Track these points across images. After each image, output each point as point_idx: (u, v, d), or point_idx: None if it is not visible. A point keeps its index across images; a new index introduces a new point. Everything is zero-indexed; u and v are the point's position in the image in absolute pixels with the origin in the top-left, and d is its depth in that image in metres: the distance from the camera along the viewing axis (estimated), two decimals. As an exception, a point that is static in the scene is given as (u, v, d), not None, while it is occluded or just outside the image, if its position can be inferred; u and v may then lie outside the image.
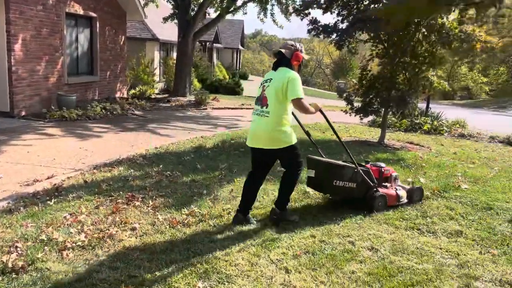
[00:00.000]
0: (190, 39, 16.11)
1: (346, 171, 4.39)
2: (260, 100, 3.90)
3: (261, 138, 3.88)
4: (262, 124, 3.84)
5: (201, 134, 8.95)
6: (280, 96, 3.74)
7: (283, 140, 3.84)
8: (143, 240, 3.52)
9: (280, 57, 3.93)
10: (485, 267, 3.33)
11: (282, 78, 3.75)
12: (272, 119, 3.79)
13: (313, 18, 8.52)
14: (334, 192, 4.57)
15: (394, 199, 4.56)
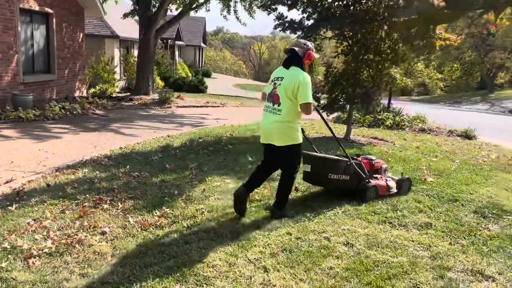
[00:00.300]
0: (152, 36, 15.75)
1: (340, 165, 4.58)
2: (272, 97, 3.97)
3: (272, 134, 3.97)
4: (273, 121, 3.93)
5: (167, 133, 8.77)
6: (291, 97, 3.83)
7: (291, 137, 3.93)
8: (114, 244, 3.38)
9: (292, 55, 3.98)
10: (456, 258, 3.42)
11: (294, 80, 3.81)
12: (283, 117, 3.87)
13: (280, 14, 8.52)
14: (330, 185, 4.77)
15: (384, 190, 4.78)
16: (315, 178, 4.74)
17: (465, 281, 3.07)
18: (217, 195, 4.63)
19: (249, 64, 68.15)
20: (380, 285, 2.95)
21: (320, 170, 4.61)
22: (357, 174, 4.66)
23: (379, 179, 4.89)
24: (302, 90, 3.78)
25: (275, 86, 3.96)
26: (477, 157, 7.72)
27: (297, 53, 3.98)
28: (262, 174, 4.22)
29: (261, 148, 7.31)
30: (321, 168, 4.61)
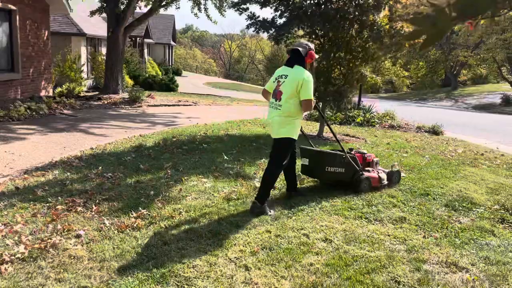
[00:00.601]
0: (120, 34, 15.41)
1: (336, 158, 4.89)
2: (275, 94, 4.24)
3: (274, 128, 4.25)
4: (275, 116, 4.21)
5: (139, 133, 8.61)
6: (294, 93, 4.08)
7: (287, 130, 4.16)
8: (90, 248, 3.30)
9: (295, 55, 4.24)
10: (430, 251, 3.52)
11: (298, 78, 4.07)
12: (283, 112, 4.13)
13: (252, 13, 8.51)
14: (326, 177, 5.06)
15: (377, 181, 5.06)
16: (313, 171, 4.98)
17: (440, 273, 3.16)
18: (195, 195, 4.59)
19: (219, 62, 67.85)
20: (359, 280, 3.00)
21: (318, 163, 4.89)
22: (352, 167, 4.92)
23: (371, 171, 5.15)
24: (305, 88, 4.03)
25: (279, 83, 4.21)
26: (445, 152, 7.97)
27: (300, 53, 4.21)
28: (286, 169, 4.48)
29: (234, 146, 7.34)
30: (319, 162, 4.89)
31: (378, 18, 8.32)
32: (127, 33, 16.07)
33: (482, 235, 3.91)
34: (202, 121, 10.63)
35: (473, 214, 4.46)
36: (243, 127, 9.77)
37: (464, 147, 8.90)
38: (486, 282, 3.05)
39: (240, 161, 6.21)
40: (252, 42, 65.01)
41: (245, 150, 7.00)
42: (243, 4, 8.53)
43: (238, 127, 9.63)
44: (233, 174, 5.43)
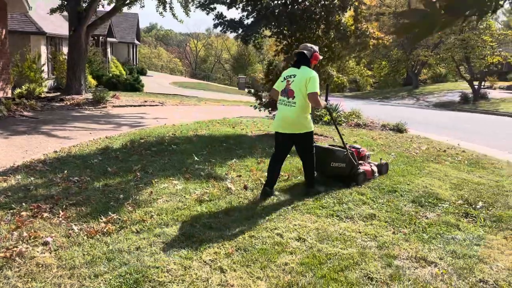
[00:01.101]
0: (82, 32, 14.98)
1: (339, 154, 5.31)
2: (286, 92, 4.65)
3: (288, 124, 4.64)
4: (289, 113, 4.60)
5: (105, 135, 8.40)
6: (304, 90, 4.52)
7: (306, 126, 4.65)
8: (59, 255, 3.18)
9: (300, 57, 4.70)
10: (400, 246, 3.62)
11: (306, 76, 4.53)
12: (298, 108, 4.55)
13: (219, 13, 8.47)
14: (330, 172, 5.40)
15: (370, 174, 5.55)
16: (319, 167, 5.20)
17: (411, 267, 3.26)
18: (166, 197, 4.52)
19: (185, 61, 67.14)
20: (334, 278, 3.04)
21: (324, 159, 5.25)
22: (351, 162, 5.30)
23: (364, 165, 5.57)
24: (312, 83, 4.50)
25: (288, 82, 4.64)
26: (410, 150, 8.21)
27: (306, 55, 4.68)
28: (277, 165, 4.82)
29: (204, 147, 7.28)
30: (325, 158, 5.26)
31: (343, 19, 8.47)
32: (89, 32, 15.65)
33: (448, 229, 4.05)
34: (170, 122, 10.49)
35: (439, 209, 4.61)
36: (212, 127, 9.71)
37: (428, 144, 9.20)
38: (454, 275, 3.17)
39: (211, 162, 6.17)
40: (219, 42, 64.72)
41: (216, 151, 6.96)
42: (211, 4, 8.48)
43: (207, 128, 9.57)
44: (204, 176, 5.39)
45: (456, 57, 27.62)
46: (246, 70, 48.66)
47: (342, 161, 5.27)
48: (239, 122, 11.00)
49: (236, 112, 14.33)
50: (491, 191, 5.36)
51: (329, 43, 8.69)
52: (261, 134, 9.02)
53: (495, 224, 4.27)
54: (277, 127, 4.77)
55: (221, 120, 11.24)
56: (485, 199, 5.01)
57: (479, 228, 4.15)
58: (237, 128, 9.78)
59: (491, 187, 5.56)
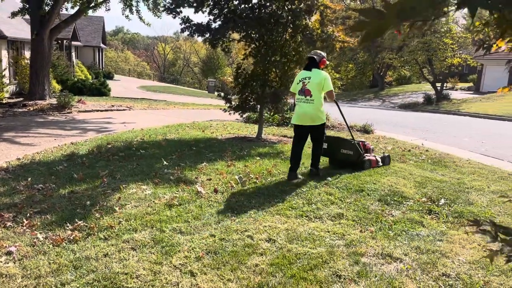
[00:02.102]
0: (45, 36, 14.56)
1: (348, 142, 6.35)
2: (303, 92, 5.57)
3: (308, 118, 5.58)
4: (309, 108, 5.54)
5: (70, 141, 8.20)
6: (320, 88, 5.49)
7: (322, 118, 5.62)
8: (23, 265, 3.10)
9: (311, 61, 5.67)
10: (367, 244, 3.72)
11: (320, 77, 5.52)
12: (315, 104, 5.50)
13: (186, 17, 8.43)
14: (340, 157, 6.38)
15: (375, 163, 6.51)
16: (331, 153, 6.44)
17: (377, 264, 3.35)
18: (134, 203, 4.46)
19: (153, 65, 66.32)
20: (303, 277, 3.09)
21: (335, 146, 6.39)
22: (358, 151, 6.24)
23: (370, 155, 6.55)
24: (327, 83, 5.51)
25: (304, 83, 5.57)
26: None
27: (315, 60, 5.64)
28: (298, 150, 5.70)
29: (173, 151, 7.23)
30: (336, 145, 6.39)
31: (310, 23, 8.62)
32: (53, 35, 15.23)
33: (412, 226, 4.19)
34: (138, 126, 10.35)
35: (404, 207, 4.76)
36: (181, 131, 9.65)
37: (393, 144, 9.46)
38: (418, 270, 3.28)
39: (181, 166, 6.13)
40: (187, 45, 64.33)
41: (185, 155, 6.92)
42: (177, 8, 8.43)
43: (176, 132, 9.50)
44: (174, 180, 5.35)
45: (419, 59, 28.50)
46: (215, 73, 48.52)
47: (350, 149, 6.25)
48: (209, 125, 10.98)
49: (206, 115, 14.28)
50: (453, 188, 5.57)
51: (297, 47, 8.81)
52: (231, 137, 9.03)
53: (456, 220, 4.44)
54: (297, 121, 5.68)
55: (191, 123, 11.19)
56: (447, 196, 5.20)
57: (441, 224, 4.31)
58: (207, 131, 9.76)
59: (453, 185, 5.78)
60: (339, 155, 6.37)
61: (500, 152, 9.17)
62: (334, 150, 6.39)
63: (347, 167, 6.25)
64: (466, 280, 3.16)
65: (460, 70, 35.90)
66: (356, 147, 6.23)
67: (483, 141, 11.08)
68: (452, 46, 26.26)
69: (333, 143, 6.40)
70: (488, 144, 10.42)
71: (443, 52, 26.26)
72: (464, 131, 13.51)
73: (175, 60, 66.49)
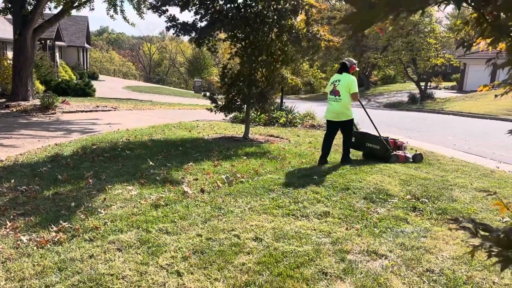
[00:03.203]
0: (28, 36, 14.35)
1: (373, 138, 7.23)
2: (334, 92, 6.60)
3: (336, 114, 6.63)
4: (336, 106, 6.58)
5: (54, 142, 8.10)
6: (347, 90, 6.48)
7: (348, 115, 6.63)
8: (7, 267, 3.05)
9: (343, 66, 6.66)
10: (353, 241, 3.75)
11: (348, 80, 6.51)
12: (342, 103, 6.52)
13: (171, 16, 8.39)
14: (366, 150, 7.38)
15: (403, 158, 7.20)
16: (358, 146, 7.40)
17: (363, 261, 3.39)
18: (120, 204, 4.43)
19: (139, 65, 65.80)
20: (290, 275, 3.11)
21: (361, 140, 7.31)
22: (384, 146, 7.06)
23: (400, 152, 7.26)
24: (353, 86, 6.49)
25: (335, 85, 6.59)
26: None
27: (347, 65, 6.64)
28: (329, 142, 6.75)
29: (159, 151, 7.21)
30: (362, 139, 7.32)
31: (296, 22, 8.65)
32: (36, 35, 15.01)
33: (397, 223, 4.24)
34: (124, 127, 10.26)
35: (389, 205, 4.82)
36: (168, 131, 9.60)
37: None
38: (403, 266, 3.33)
39: (167, 166, 6.10)
40: (173, 45, 63.98)
41: (172, 155, 6.90)
42: (162, 6, 8.38)
43: (162, 132, 9.45)
44: (160, 180, 5.33)
45: (403, 59, 28.83)
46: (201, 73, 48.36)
47: (376, 144, 7.10)
48: (195, 125, 10.94)
49: (192, 115, 14.23)
50: (437, 186, 5.65)
51: (283, 46, 8.84)
52: (218, 137, 9.02)
53: (440, 217, 4.51)
54: (328, 116, 6.76)
55: (177, 124, 11.14)
56: (431, 193, 5.28)
57: (426, 221, 4.38)
58: (193, 131, 9.73)
59: (437, 182, 5.87)
60: (365, 148, 7.31)
61: (483, 150, 9.34)
62: (361, 144, 7.33)
63: (376, 160, 7.09)
64: (449, 275, 3.22)
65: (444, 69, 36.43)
66: (382, 143, 7.05)
67: (466, 139, 11.27)
68: (436, 46, 26.63)
69: (359, 138, 7.31)
70: (471, 142, 10.61)
71: (426, 52, 26.60)
72: (447, 130, 13.72)
73: (161, 60, 66.10)
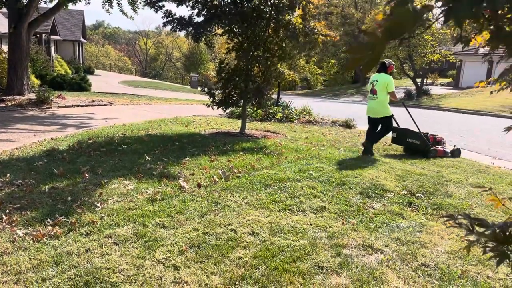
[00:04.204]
0: (24, 30, 14.24)
1: (414, 133, 7.70)
2: (372, 91, 7.32)
3: (374, 111, 7.35)
4: (374, 104, 7.30)
5: (50, 136, 8.06)
6: (384, 89, 7.14)
7: (384, 112, 7.28)
8: (3, 261, 3.05)
9: (381, 66, 7.29)
10: (349, 236, 3.78)
11: (386, 80, 7.14)
12: (379, 101, 7.22)
13: (168, 11, 8.35)
14: (407, 145, 7.90)
15: (441, 153, 7.65)
16: (399, 141, 7.98)
17: (359, 255, 3.41)
18: (116, 198, 4.42)
19: (135, 60, 65.52)
20: (286, 269, 3.13)
21: (403, 136, 7.87)
22: (424, 141, 7.55)
23: (439, 147, 7.73)
24: (390, 85, 7.14)
25: (373, 85, 7.28)
26: (358, 144, 8.51)
27: (386, 65, 7.24)
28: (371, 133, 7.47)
29: (156, 146, 7.21)
30: (403, 135, 7.86)
31: (293, 18, 8.63)
32: (31, 29, 14.90)
33: (393, 218, 4.27)
34: (120, 122, 10.23)
35: (385, 200, 4.84)
36: (164, 126, 9.58)
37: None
38: (398, 260, 3.35)
39: (164, 161, 6.10)
40: (169, 40, 63.74)
41: (168, 150, 6.89)
42: (159, 2, 8.34)
43: (159, 127, 9.43)
44: (156, 175, 5.32)
45: (400, 55, 28.87)
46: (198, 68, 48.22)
47: (416, 139, 7.60)
48: (192, 120, 10.93)
49: (188, 110, 14.21)
50: (432, 181, 5.68)
51: (280, 42, 8.82)
52: (215, 132, 9.01)
53: (435, 212, 4.54)
54: (367, 113, 7.47)
55: (174, 119, 11.12)
56: (427, 188, 5.31)
57: (421, 216, 4.41)
58: (190, 126, 9.72)
59: (432, 177, 5.90)
60: (406, 143, 7.85)
61: (478, 146, 9.39)
62: (402, 139, 7.88)
63: (416, 154, 7.63)
64: (444, 269, 3.25)
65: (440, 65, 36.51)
66: (422, 138, 7.53)
67: (462, 135, 11.33)
68: (432, 42, 26.68)
69: (401, 133, 7.86)
70: (467, 138, 10.66)
71: (423, 48, 26.66)
72: (443, 126, 13.78)
73: (157, 55, 65.85)
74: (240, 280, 2.95)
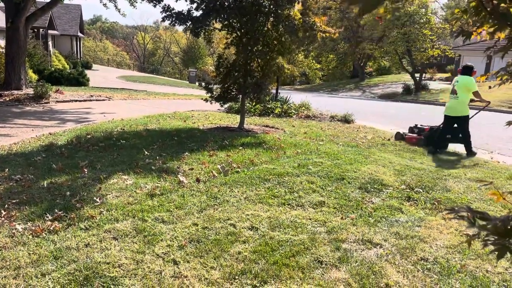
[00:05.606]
0: (21, 24, 14.17)
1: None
2: (453, 91, 7.73)
3: (452, 109, 7.72)
4: (454, 103, 7.68)
5: (48, 131, 8.05)
6: (465, 89, 7.55)
7: (463, 111, 7.62)
8: (2, 256, 3.05)
9: (464, 69, 7.70)
10: (348, 230, 3.78)
11: (465, 81, 7.57)
12: (459, 100, 7.59)
13: (166, 6, 8.30)
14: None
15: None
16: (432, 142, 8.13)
17: (358, 250, 3.42)
18: (115, 193, 4.42)
19: (133, 55, 65.29)
20: (285, 263, 3.13)
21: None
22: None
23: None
24: (473, 85, 7.55)
25: (454, 86, 7.70)
26: (356, 139, 8.53)
27: (470, 68, 7.64)
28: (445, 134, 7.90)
29: (154, 141, 7.19)
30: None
31: (292, 12, 8.59)
32: (29, 23, 14.83)
33: (392, 213, 4.27)
34: (118, 117, 10.21)
35: (384, 194, 4.85)
36: (162, 121, 9.56)
37: (373, 133, 9.59)
38: (397, 255, 3.36)
39: (162, 156, 6.09)
40: (167, 35, 63.52)
41: (167, 145, 6.88)
42: (157, -5, 8.29)
43: (157, 122, 9.41)
44: (155, 170, 5.32)
45: (399, 50, 28.82)
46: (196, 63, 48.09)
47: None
48: (190, 115, 10.91)
49: (187, 105, 14.18)
50: (431, 176, 5.69)
51: (279, 36, 8.78)
52: (213, 127, 9.00)
53: (434, 206, 4.55)
54: (446, 112, 7.84)
55: (172, 114, 11.09)
56: (426, 183, 5.31)
57: (420, 211, 4.41)
58: (188, 121, 9.70)
59: (431, 172, 5.91)
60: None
61: (477, 141, 9.39)
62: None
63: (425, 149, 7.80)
64: (443, 264, 3.26)
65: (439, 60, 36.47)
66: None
67: (460, 130, 11.29)
68: (431, 37, 26.63)
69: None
70: (465, 133, 10.63)
71: (422, 43, 26.61)
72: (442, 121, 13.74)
73: (155, 50, 65.60)
74: (240, 275, 2.95)
